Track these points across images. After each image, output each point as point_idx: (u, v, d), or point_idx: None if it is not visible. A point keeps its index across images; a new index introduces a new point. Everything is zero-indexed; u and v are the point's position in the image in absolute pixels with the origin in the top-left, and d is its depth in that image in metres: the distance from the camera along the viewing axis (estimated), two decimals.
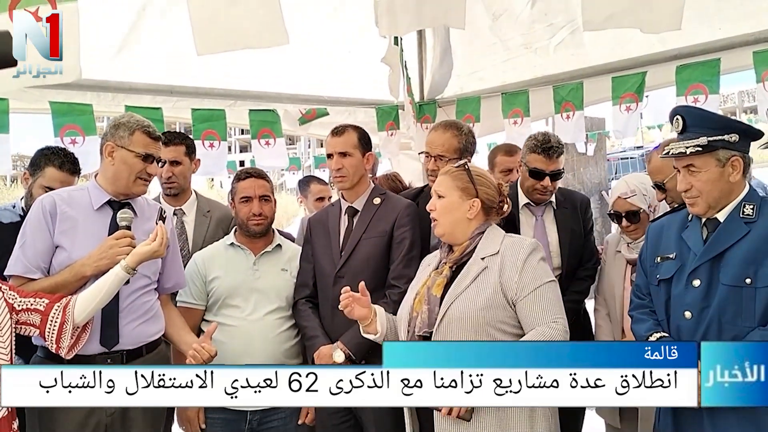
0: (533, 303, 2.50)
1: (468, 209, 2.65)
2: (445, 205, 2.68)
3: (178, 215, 3.77)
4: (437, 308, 2.56)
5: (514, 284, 2.51)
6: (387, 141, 5.50)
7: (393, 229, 3.18)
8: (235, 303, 3.23)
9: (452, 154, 3.32)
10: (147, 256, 2.70)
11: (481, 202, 2.65)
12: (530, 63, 4.92)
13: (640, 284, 2.82)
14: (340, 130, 3.29)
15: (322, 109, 5.33)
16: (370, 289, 2.99)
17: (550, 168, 3.51)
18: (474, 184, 2.66)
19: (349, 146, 3.24)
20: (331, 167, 3.29)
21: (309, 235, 3.39)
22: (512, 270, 2.53)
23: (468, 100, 5.23)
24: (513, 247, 2.58)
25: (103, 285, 2.63)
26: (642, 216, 3.24)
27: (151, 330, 2.91)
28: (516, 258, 2.54)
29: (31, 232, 2.77)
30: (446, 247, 2.72)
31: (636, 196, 3.25)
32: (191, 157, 3.88)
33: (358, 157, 3.25)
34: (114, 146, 2.84)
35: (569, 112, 4.61)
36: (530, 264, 2.54)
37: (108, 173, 2.87)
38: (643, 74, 4.27)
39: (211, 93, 4.85)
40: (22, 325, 2.55)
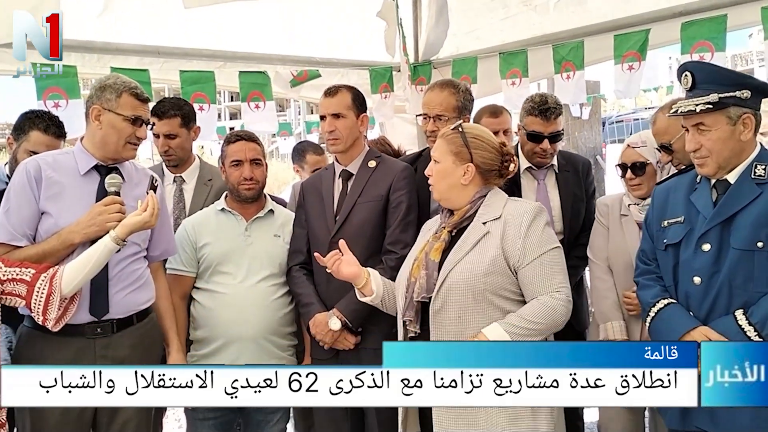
0: (536, 271, 2.43)
1: (462, 174, 2.55)
2: (439, 170, 2.59)
3: (177, 182, 3.69)
4: (436, 273, 2.49)
5: (517, 250, 2.43)
6: (381, 104, 5.37)
7: (389, 192, 3.10)
8: (227, 270, 3.16)
9: (451, 113, 3.25)
10: (137, 227, 2.62)
11: (476, 167, 2.55)
12: (529, 21, 4.78)
13: (645, 249, 2.75)
14: (333, 91, 3.19)
15: (314, 71, 5.19)
16: (367, 255, 2.99)
17: (548, 130, 3.44)
18: (468, 147, 2.55)
19: (342, 107, 3.14)
20: (324, 129, 3.20)
21: (302, 200, 3.31)
22: (515, 235, 2.45)
23: (464, 61, 5.08)
24: (516, 212, 2.50)
25: (92, 256, 2.55)
26: (648, 169, 3.10)
27: (141, 298, 2.84)
28: (519, 223, 2.46)
29: (16, 198, 2.67)
30: (446, 212, 2.64)
31: (646, 148, 3.10)
32: (189, 127, 3.75)
33: (351, 119, 3.14)
34: (101, 109, 2.73)
35: (569, 72, 4.48)
36: (534, 229, 2.46)
37: (95, 138, 2.77)
38: (647, 32, 4.14)
39: (199, 54, 4.70)
40: (7, 295, 2.48)
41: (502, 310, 2.42)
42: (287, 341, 3.24)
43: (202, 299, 3.18)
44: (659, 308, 2.57)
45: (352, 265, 2.66)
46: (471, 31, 5.13)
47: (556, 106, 3.45)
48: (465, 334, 2.40)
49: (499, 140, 2.66)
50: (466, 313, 2.42)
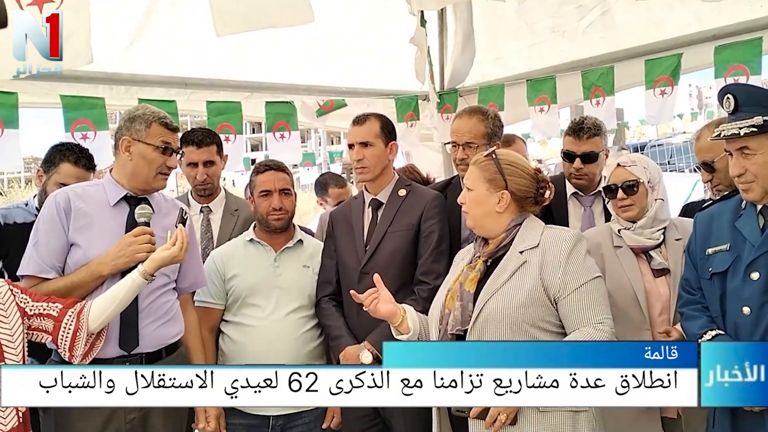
0: (577, 302, 2.33)
1: (497, 202, 2.48)
2: (473, 197, 2.52)
3: (204, 212, 3.67)
4: (471, 305, 2.40)
5: (557, 281, 2.34)
6: (407, 132, 5.34)
7: (420, 222, 3.04)
8: (256, 302, 3.11)
9: (480, 140, 3.19)
10: (166, 262, 2.57)
11: (511, 194, 2.48)
12: (557, 47, 4.74)
13: (689, 278, 2.64)
14: (362, 119, 3.15)
15: (340, 101, 5.19)
16: (398, 286, 2.92)
17: (581, 149, 3.37)
18: (503, 174, 2.48)
19: (370, 135, 3.09)
20: (352, 158, 3.15)
21: (331, 230, 3.25)
22: (554, 265, 2.36)
23: (491, 89, 5.05)
24: (555, 240, 2.41)
25: (119, 291, 2.51)
26: (640, 189, 2.89)
27: (171, 332, 2.79)
28: (559, 252, 2.37)
29: (45, 230, 2.64)
30: (481, 240, 2.56)
31: (636, 167, 2.91)
32: (221, 155, 3.78)
33: (380, 147, 3.10)
34: (131, 140, 2.72)
35: (599, 98, 4.43)
36: (575, 258, 2.37)
37: (126, 169, 2.75)
38: (679, 56, 4.08)
39: (226, 85, 4.71)
40: (34, 331, 2.44)
41: None
42: None
43: (230, 333, 3.13)
44: (707, 340, 2.46)
45: (389, 303, 2.52)
46: (497, 58, 5.10)
47: (592, 127, 3.39)
48: None
49: (535, 167, 2.59)
50: None
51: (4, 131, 3.61)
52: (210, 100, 4.53)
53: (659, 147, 16.88)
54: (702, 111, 19.82)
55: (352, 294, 2.60)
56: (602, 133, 3.45)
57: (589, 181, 3.44)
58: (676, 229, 2.89)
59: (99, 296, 2.53)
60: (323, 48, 4.87)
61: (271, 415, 3.03)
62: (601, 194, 3.42)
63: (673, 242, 2.87)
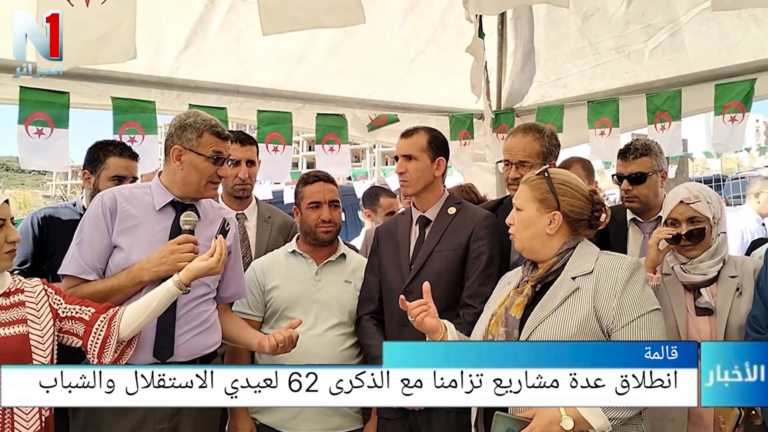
0: (633, 335, 2.15)
1: (548, 223, 2.32)
2: (522, 218, 2.37)
3: (240, 220, 3.57)
4: (517, 331, 2.25)
5: (612, 310, 2.16)
6: (460, 151, 5.23)
7: (469, 242, 2.90)
8: (294, 315, 2.99)
9: (535, 159, 3.08)
10: (203, 273, 2.50)
11: (563, 215, 2.31)
12: (621, 69, 4.59)
13: (758, 315, 2.48)
14: (411, 132, 3.05)
15: (393, 116, 5.10)
16: (442, 308, 2.75)
17: (627, 170, 3.34)
18: (555, 194, 2.32)
19: (414, 149, 2.98)
20: (396, 170, 3.06)
21: (376, 246, 3.14)
22: (609, 294, 2.18)
23: (550, 109, 4.91)
24: (611, 267, 2.24)
25: (153, 300, 2.45)
26: (706, 229, 2.71)
27: (207, 342, 2.72)
28: (615, 280, 2.20)
29: (89, 230, 2.61)
30: (529, 264, 2.40)
31: (701, 203, 2.71)
32: (259, 159, 3.73)
33: (425, 162, 2.97)
34: (182, 149, 2.66)
35: (664, 123, 4.25)
36: (632, 288, 2.19)
37: (176, 177, 2.69)
38: (752, 81, 3.88)
39: (279, 95, 4.66)
40: (65, 334, 2.40)
41: None
42: None
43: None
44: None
45: (434, 317, 2.41)
46: (558, 78, 4.96)
47: (640, 147, 3.34)
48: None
49: (590, 188, 2.42)
50: None
51: (54, 130, 3.61)
52: (261, 109, 4.49)
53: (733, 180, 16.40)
54: None
55: (401, 300, 2.47)
56: (653, 154, 3.36)
57: (641, 203, 3.35)
58: (735, 267, 2.71)
59: (132, 304, 2.48)
60: (378, 62, 4.81)
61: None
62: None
63: (726, 279, 2.69)
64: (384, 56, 4.79)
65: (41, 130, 3.60)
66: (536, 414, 2.13)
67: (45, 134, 3.62)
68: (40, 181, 63.36)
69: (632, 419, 2.13)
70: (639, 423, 2.18)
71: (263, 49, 4.27)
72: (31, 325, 2.28)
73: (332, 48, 4.54)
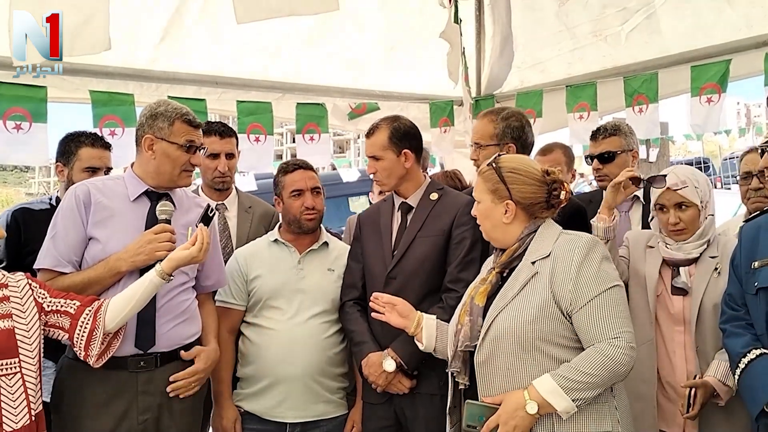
0: (591, 314, 2.16)
1: (503, 212, 2.34)
2: (480, 210, 2.41)
3: (220, 210, 3.57)
4: (480, 319, 2.28)
5: (568, 293, 2.18)
6: (440, 138, 5.23)
7: (452, 228, 2.90)
8: (278, 304, 3.01)
9: (487, 140, 3.08)
10: (184, 262, 2.50)
11: (516, 203, 2.32)
12: (599, 52, 4.59)
13: (733, 293, 2.50)
14: (371, 131, 3.02)
15: (373, 104, 5.08)
16: (425, 292, 2.83)
17: (597, 150, 3.48)
18: (505, 183, 2.33)
19: (377, 149, 2.97)
20: (368, 171, 3.07)
21: (359, 233, 3.15)
22: (565, 276, 2.19)
23: (529, 95, 4.91)
24: (566, 248, 2.24)
25: (137, 291, 2.45)
26: (692, 212, 2.72)
27: (187, 331, 2.72)
28: (570, 261, 2.21)
29: (63, 223, 2.59)
30: (498, 251, 2.42)
31: (687, 188, 2.73)
32: (238, 150, 3.73)
33: (390, 159, 2.95)
34: (153, 138, 2.65)
35: (642, 105, 4.27)
36: (587, 267, 2.20)
37: (149, 167, 2.68)
38: (727, 62, 3.90)
39: (258, 85, 4.63)
40: (50, 327, 2.40)
41: (557, 360, 2.18)
42: (337, 383, 3.05)
43: (250, 335, 3.04)
44: (750, 359, 2.31)
45: (403, 318, 2.59)
46: (536, 63, 4.96)
47: (609, 128, 3.46)
48: (514, 387, 2.19)
49: (543, 167, 2.41)
50: (514, 364, 2.20)
51: (32, 125, 3.57)
52: (240, 100, 4.46)
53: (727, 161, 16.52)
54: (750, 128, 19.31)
55: (373, 295, 2.58)
56: (622, 134, 3.46)
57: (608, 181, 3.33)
58: (717, 247, 2.74)
59: (116, 295, 2.47)
60: (357, 50, 4.80)
61: (288, 422, 2.94)
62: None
63: (706, 259, 2.72)
64: (363, 45, 4.77)
65: (19, 124, 3.56)
66: (503, 400, 2.17)
67: (23, 129, 3.57)
68: (22, 179, 62.67)
69: (602, 396, 2.16)
70: (611, 399, 2.20)
71: (241, 39, 4.23)
72: (16, 320, 2.27)
73: (311, 37, 4.53)
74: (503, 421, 2.14)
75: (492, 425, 2.16)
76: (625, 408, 2.26)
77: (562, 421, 2.14)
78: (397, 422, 2.88)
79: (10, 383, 2.21)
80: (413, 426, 2.83)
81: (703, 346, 2.62)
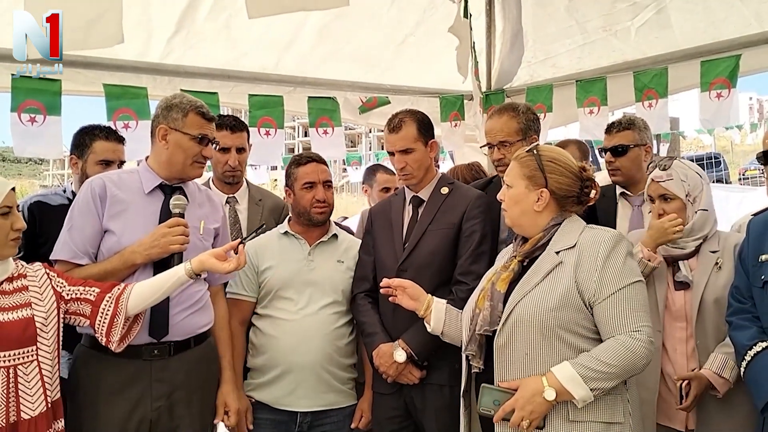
0: (614, 307, 2.19)
1: (536, 200, 2.36)
2: (511, 195, 2.42)
3: (230, 203, 3.61)
4: (501, 305, 2.30)
5: (593, 283, 2.20)
6: (450, 132, 5.25)
7: (462, 221, 2.94)
8: (288, 296, 3.04)
9: (514, 137, 3.08)
10: (215, 271, 2.56)
11: (550, 192, 2.35)
12: (609, 47, 4.59)
13: (740, 285, 2.51)
14: (397, 125, 3.02)
15: (384, 98, 5.11)
16: (435, 285, 2.85)
17: (610, 143, 3.48)
18: (543, 171, 2.36)
19: (409, 141, 2.99)
20: (395, 166, 3.07)
21: (370, 226, 3.18)
22: (591, 267, 2.22)
23: (539, 89, 4.91)
24: (593, 240, 2.28)
25: (164, 284, 2.50)
26: (677, 203, 2.73)
27: (200, 321, 2.76)
28: (596, 253, 2.24)
29: (80, 216, 2.64)
30: (520, 240, 2.46)
31: (672, 181, 2.74)
32: (250, 144, 3.75)
33: (421, 150, 3.00)
34: (167, 129, 2.70)
35: (652, 101, 4.26)
36: (613, 260, 2.23)
37: (162, 157, 2.73)
38: (737, 57, 3.89)
39: (269, 79, 4.67)
40: (71, 315, 2.45)
41: (575, 348, 2.20)
42: (347, 373, 3.09)
43: (261, 325, 3.07)
44: (757, 352, 2.33)
45: (413, 300, 2.63)
46: (546, 58, 4.97)
47: (623, 122, 3.48)
48: (532, 373, 2.21)
49: (580, 164, 2.45)
50: (534, 350, 2.22)
51: (47, 118, 3.62)
52: (252, 94, 4.49)
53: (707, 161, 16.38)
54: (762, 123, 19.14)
55: (384, 281, 2.62)
56: (636, 128, 3.48)
57: (624, 176, 3.46)
58: (718, 242, 2.73)
59: (140, 283, 2.52)
60: (368, 44, 4.81)
61: (299, 411, 2.98)
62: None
63: (706, 253, 2.72)
64: (374, 39, 4.79)
65: (34, 117, 3.61)
66: (520, 386, 2.19)
67: (38, 122, 3.63)
68: (36, 171, 62.83)
69: (616, 388, 2.19)
70: (624, 392, 2.23)
71: (253, 33, 4.27)
72: (35, 309, 2.31)
73: (322, 31, 4.55)
74: (520, 405, 2.16)
75: (508, 409, 2.18)
76: (636, 401, 2.28)
77: (576, 409, 2.16)
78: (406, 412, 2.92)
79: (26, 371, 2.25)
80: (422, 416, 2.86)
81: (704, 341, 2.63)
